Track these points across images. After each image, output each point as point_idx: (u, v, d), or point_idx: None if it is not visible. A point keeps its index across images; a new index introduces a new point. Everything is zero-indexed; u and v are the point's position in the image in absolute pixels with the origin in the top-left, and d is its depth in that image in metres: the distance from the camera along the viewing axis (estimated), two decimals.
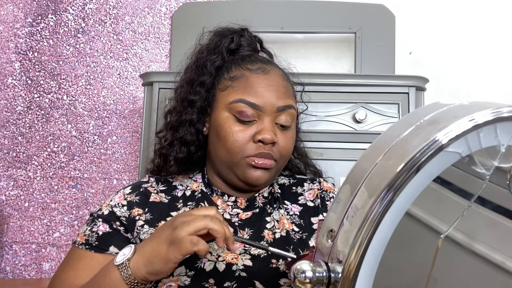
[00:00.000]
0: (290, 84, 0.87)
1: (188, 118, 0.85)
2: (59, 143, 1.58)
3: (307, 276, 0.35)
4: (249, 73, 0.82)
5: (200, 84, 0.86)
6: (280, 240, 0.79)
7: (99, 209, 0.81)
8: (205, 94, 0.85)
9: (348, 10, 1.52)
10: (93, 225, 0.79)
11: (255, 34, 0.93)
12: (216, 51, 0.87)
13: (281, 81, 0.83)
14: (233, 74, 0.83)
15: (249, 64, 0.83)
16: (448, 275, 0.39)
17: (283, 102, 0.81)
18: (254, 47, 0.91)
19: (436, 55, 1.54)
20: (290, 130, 0.83)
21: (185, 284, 0.69)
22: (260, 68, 0.82)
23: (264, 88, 0.80)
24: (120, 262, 0.63)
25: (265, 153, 0.78)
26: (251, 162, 0.78)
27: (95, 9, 1.62)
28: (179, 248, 0.61)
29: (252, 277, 0.72)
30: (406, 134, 0.36)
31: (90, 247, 0.76)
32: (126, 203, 0.81)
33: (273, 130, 0.79)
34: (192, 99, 0.85)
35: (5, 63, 1.60)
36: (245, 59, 0.86)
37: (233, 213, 0.83)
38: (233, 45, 0.88)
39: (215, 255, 0.74)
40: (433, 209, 0.37)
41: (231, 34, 0.89)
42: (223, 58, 0.87)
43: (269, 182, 0.84)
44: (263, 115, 0.80)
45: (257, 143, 0.79)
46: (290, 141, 0.83)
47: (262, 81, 0.81)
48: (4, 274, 1.53)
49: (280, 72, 0.85)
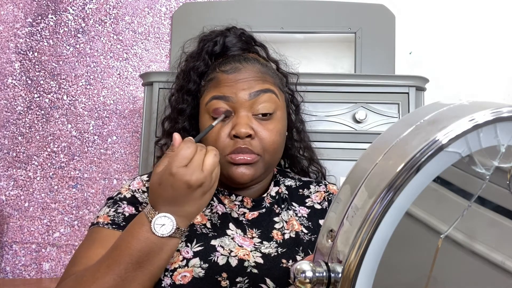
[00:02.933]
0: (270, 73, 0.84)
1: (181, 126, 0.87)
2: (59, 143, 1.58)
3: (307, 276, 0.35)
4: (221, 73, 0.81)
5: (187, 92, 0.87)
6: (290, 241, 0.79)
7: (118, 193, 0.80)
8: (193, 101, 0.87)
9: (348, 10, 1.52)
10: (116, 207, 0.77)
11: (243, 31, 0.91)
12: (199, 57, 0.87)
13: (254, 73, 0.81)
14: (208, 77, 0.84)
15: (223, 66, 0.83)
16: (448, 275, 0.39)
17: (256, 88, 0.79)
18: (242, 45, 0.89)
19: (436, 55, 1.54)
20: (273, 120, 0.80)
21: (200, 276, 0.70)
22: (233, 68, 0.81)
23: (235, 81, 0.79)
24: (171, 232, 0.64)
25: (242, 148, 0.76)
26: (231, 160, 0.77)
27: (95, 9, 1.62)
28: (214, 186, 0.66)
29: (263, 274, 0.72)
30: (406, 134, 0.36)
31: (117, 226, 0.74)
32: (146, 189, 0.81)
33: (247, 122, 0.77)
34: (181, 107, 0.88)
35: (5, 63, 1.60)
36: (221, 62, 0.85)
37: (240, 212, 0.83)
38: (217, 48, 0.87)
39: (227, 250, 0.74)
40: (433, 209, 0.37)
41: (215, 37, 0.88)
42: (206, 64, 0.87)
43: (260, 177, 0.82)
44: (237, 108, 0.78)
45: (233, 139, 0.77)
46: (273, 132, 0.79)
47: (233, 77, 0.80)
48: (4, 274, 1.53)
49: (256, 66, 0.83)
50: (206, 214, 0.81)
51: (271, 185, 0.88)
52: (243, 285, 0.70)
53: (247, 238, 0.78)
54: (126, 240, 0.64)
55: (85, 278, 0.64)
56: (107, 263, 0.63)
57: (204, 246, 0.73)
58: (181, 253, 0.72)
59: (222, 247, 0.74)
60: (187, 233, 0.75)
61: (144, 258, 0.63)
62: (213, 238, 0.75)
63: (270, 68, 0.88)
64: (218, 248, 0.73)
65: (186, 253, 0.72)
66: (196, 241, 0.74)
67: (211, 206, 0.83)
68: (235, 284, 0.70)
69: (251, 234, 0.79)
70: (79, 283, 0.64)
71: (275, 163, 0.85)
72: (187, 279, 0.69)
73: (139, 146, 1.48)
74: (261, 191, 0.87)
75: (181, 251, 0.73)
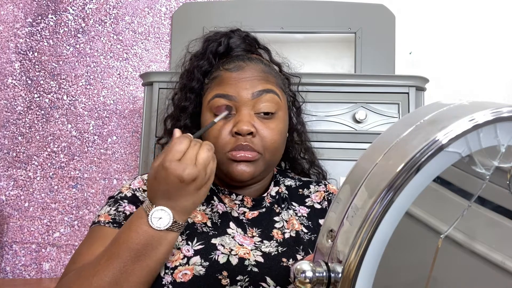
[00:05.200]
0: (273, 74, 0.85)
1: (183, 123, 0.88)
2: (59, 143, 1.58)
3: (307, 276, 0.35)
4: (225, 71, 0.82)
5: (190, 90, 0.88)
6: (290, 240, 0.79)
7: (119, 192, 0.81)
8: (196, 99, 0.88)
9: (348, 10, 1.52)
10: (117, 205, 0.77)
11: (247, 33, 0.92)
12: (203, 56, 0.88)
13: (257, 73, 0.82)
14: (212, 76, 0.85)
15: (226, 64, 0.84)
16: (448, 275, 0.39)
17: (259, 88, 0.79)
18: (246, 47, 0.90)
19: (436, 55, 1.54)
20: (275, 120, 0.80)
21: (200, 274, 0.70)
22: (236, 66, 0.82)
23: (237, 80, 0.80)
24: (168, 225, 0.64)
25: (243, 145, 0.76)
26: (231, 157, 0.77)
27: (95, 9, 1.62)
28: (209, 181, 0.66)
29: (263, 273, 0.72)
30: (406, 134, 0.36)
31: (118, 225, 0.74)
32: (147, 188, 0.81)
33: (249, 120, 0.77)
34: (184, 105, 0.88)
35: (5, 63, 1.60)
36: (225, 61, 0.86)
37: (240, 212, 0.83)
38: (221, 48, 0.88)
39: (227, 249, 0.74)
40: (433, 209, 0.37)
41: (220, 38, 0.89)
42: (210, 63, 0.88)
43: (259, 176, 0.82)
44: (240, 106, 0.79)
45: (235, 136, 0.77)
46: (274, 131, 0.79)
47: (236, 75, 0.81)
48: (4, 274, 1.53)
49: (259, 66, 0.84)
50: (207, 213, 0.81)
51: (271, 185, 0.88)
52: (243, 283, 0.71)
53: (247, 237, 0.79)
54: (125, 233, 0.65)
55: (85, 271, 0.64)
56: (106, 256, 0.64)
57: (205, 245, 0.74)
58: (181, 251, 0.73)
59: (223, 246, 0.74)
60: (188, 231, 0.75)
61: (142, 252, 0.63)
62: (213, 237, 0.75)
63: (273, 68, 0.89)
64: (219, 246, 0.74)
65: (186, 251, 0.73)
66: (197, 240, 0.74)
67: (211, 205, 0.83)
68: (236, 283, 0.71)
69: (251, 233, 0.80)
70: (79, 277, 0.64)
71: (275, 163, 0.86)
72: (188, 277, 0.70)
73: (139, 146, 1.48)
74: (261, 190, 0.87)
75: (182, 249, 0.73)
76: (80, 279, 0.64)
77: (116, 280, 0.62)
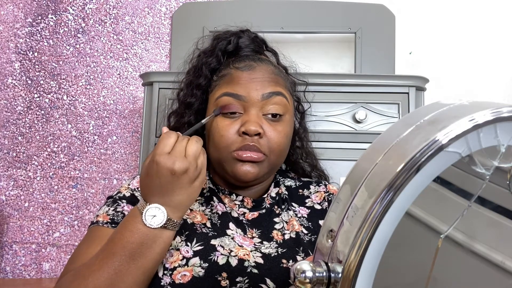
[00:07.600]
0: (282, 76, 0.85)
1: (187, 120, 0.87)
2: (59, 143, 1.58)
3: (307, 276, 0.35)
4: (235, 70, 0.82)
5: (196, 86, 0.87)
6: (290, 241, 0.79)
7: (118, 192, 0.81)
8: (202, 96, 0.87)
9: (348, 10, 1.52)
10: (116, 205, 0.77)
11: (256, 35, 0.92)
12: (212, 53, 0.88)
13: (268, 74, 0.82)
14: (221, 74, 0.84)
15: (237, 63, 0.83)
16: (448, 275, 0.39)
17: (268, 90, 0.79)
18: (254, 48, 0.90)
19: (436, 55, 1.54)
20: (282, 122, 0.80)
21: (199, 275, 0.70)
22: (247, 65, 0.82)
23: (248, 80, 0.80)
24: (162, 223, 0.64)
25: (250, 146, 0.76)
26: (237, 156, 0.77)
27: (95, 9, 1.62)
28: (202, 173, 0.66)
29: (263, 274, 0.72)
30: (406, 134, 0.36)
31: (116, 225, 0.74)
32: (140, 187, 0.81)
33: (258, 121, 0.77)
34: (189, 101, 0.88)
35: (5, 63, 1.60)
36: (234, 59, 0.86)
37: (240, 212, 0.83)
38: (231, 47, 0.88)
39: (227, 250, 0.74)
40: (433, 209, 0.37)
41: (229, 37, 0.89)
42: (218, 61, 0.87)
43: (262, 177, 0.82)
44: (248, 107, 0.78)
45: (242, 136, 0.77)
46: (281, 134, 0.79)
47: (246, 75, 0.80)
48: (4, 274, 1.53)
49: (269, 67, 0.84)
50: (206, 213, 0.81)
51: (271, 186, 0.88)
52: (243, 285, 0.70)
53: (247, 238, 0.78)
54: (120, 232, 0.65)
55: (82, 272, 0.64)
56: (102, 256, 0.64)
57: (204, 246, 0.73)
58: (181, 252, 0.72)
59: (222, 247, 0.74)
60: (187, 232, 0.75)
61: (137, 250, 0.63)
62: (213, 238, 0.75)
63: (281, 71, 0.89)
64: (218, 247, 0.73)
65: (186, 252, 0.72)
66: (196, 241, 0.74)
67: (211, 206, 0.83)
68: (235, 284, 0.70)
69: (251, 234, 0.79)
70: (76, 278, 0.64)
71: (278, 166, 0.86)
72: (187, 278, 0.69)
73: (139, 146, 1.48)
74: (262, 191, 0.87)
75: (181, 250, 0.73)
76: (77, 279, 0.64)
77: (111, 280, 0.62)
